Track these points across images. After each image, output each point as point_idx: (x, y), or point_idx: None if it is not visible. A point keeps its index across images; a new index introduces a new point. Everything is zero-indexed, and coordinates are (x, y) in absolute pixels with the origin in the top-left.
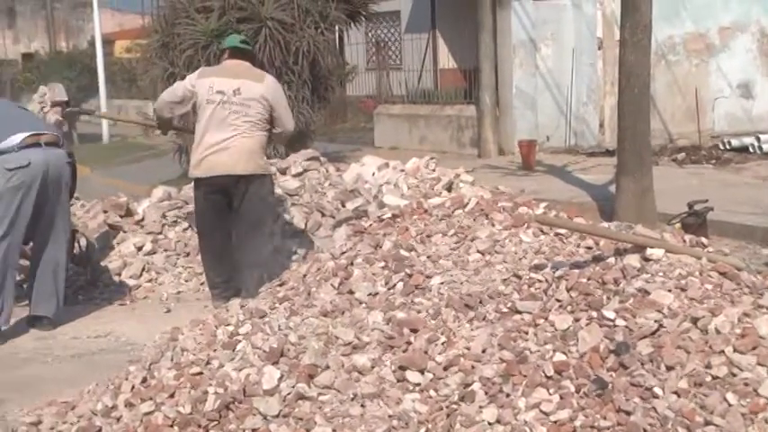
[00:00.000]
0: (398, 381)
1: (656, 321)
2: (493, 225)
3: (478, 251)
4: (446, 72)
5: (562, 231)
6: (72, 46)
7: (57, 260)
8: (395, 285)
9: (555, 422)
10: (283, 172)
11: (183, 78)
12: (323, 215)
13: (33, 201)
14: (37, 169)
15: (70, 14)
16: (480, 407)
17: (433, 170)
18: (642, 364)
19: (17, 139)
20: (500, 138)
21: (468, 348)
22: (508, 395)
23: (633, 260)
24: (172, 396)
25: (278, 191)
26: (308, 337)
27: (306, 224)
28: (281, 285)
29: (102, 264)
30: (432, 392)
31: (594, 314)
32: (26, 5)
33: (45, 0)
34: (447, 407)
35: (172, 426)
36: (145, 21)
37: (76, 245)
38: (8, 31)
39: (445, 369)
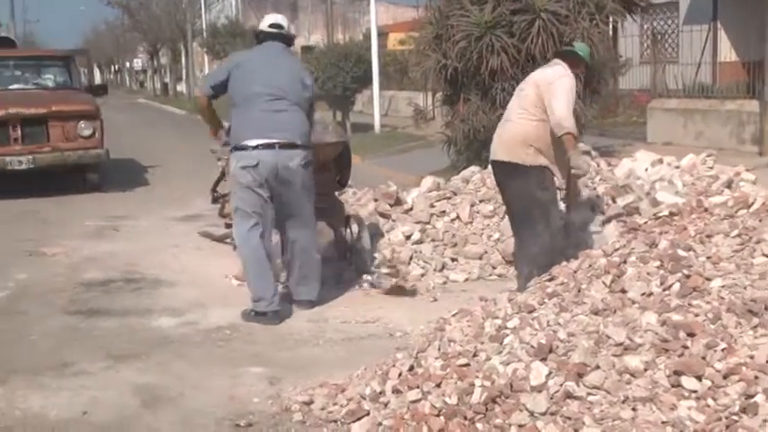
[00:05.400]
0: (673, 386)
1: None
2: None
3: (765, 254)
4: (726, 65)
5: None
6: (348, 38)
7: (309, 247)
8: (671, 286)
9: None
10: None
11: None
12: (592, 210)
13: (268, 196)
14: (265, 169)
15: (348, 8)
16: (764, 420)
17: (711, 167)
18: None
19: (253, 143)
20: None
21: (752, 357)
22: None
23: None
24: (438, 386)
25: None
26: (577, 334)
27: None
28: (550, 280)
29: (372, 251)
30: (709, 401)
31: None
32: (308, 0)
33: None
34: (726, 417)
35: (438, 415)
36: (418, 13)
37: (348, 231)
38: (290, 25)
39: (725, 377)
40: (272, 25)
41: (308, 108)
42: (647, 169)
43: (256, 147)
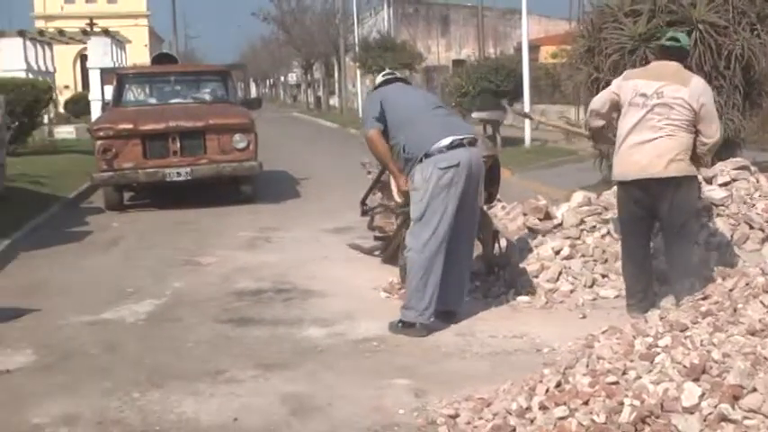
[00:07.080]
0: None
1: None
2: None
3: None
4: None
5: None
6: (499, 52)
7: (470, 255)
8: None
9: None
10: (709, 181)
11: (607, 84)
12: (751, 228)
13: (458, 198)
14: (464, 168)
15: (499, 21)
16: None
17: None
18: None
19: (446, 141)
20: None
21: None
22: None
23: None
24: (586, 403)
25: (703, 200)
26: (732, 355)
27: (732, 236)
28: (704, 299)
29: (521, 266)
30: None
31: None
32: (459, 14)
33: (477, 8)
34: None
35: None
36: (571, 26)
37: (497, 246)
38: (441, 39)
39: None
40: (386, 74)
41: None
42: None
43: (451, 145)
